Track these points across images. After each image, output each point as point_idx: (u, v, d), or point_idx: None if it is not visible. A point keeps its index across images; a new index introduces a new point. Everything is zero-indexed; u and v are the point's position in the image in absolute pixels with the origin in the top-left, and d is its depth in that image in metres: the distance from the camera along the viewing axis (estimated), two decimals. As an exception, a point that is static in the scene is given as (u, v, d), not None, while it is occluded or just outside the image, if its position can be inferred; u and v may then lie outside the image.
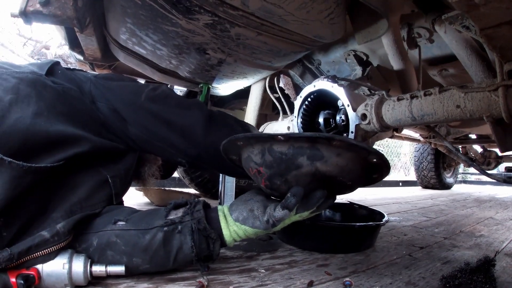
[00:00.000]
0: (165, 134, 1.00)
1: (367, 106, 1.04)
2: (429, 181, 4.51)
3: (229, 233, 0.85)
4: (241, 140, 0.80)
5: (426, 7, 1.14)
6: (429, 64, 1.52)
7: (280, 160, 0.74)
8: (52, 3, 0.95)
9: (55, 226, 0.76)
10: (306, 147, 0.72)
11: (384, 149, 8.83)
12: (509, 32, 0.59)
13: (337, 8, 1.02)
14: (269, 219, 0.81)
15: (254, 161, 0.79)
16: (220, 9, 0.96)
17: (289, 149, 0.73)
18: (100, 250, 0.82)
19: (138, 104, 0.98)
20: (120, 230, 0.84)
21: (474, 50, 1.03)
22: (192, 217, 0.84)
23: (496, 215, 2.45)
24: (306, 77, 1.81)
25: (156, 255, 0.82)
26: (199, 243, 0.83)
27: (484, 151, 3.54)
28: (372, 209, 1.55)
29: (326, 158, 0.72)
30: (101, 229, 0.84)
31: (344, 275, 0.99)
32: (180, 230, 0.83)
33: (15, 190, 0.71)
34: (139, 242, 0.82)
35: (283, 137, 0.71)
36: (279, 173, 0.76)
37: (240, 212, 0.85)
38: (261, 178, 0.80)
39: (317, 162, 0.73)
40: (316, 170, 0.73)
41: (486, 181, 6.85)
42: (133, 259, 0.82)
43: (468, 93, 0.82)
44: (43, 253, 0.74)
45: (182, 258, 0.84)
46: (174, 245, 0.83)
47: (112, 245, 0.82)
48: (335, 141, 0.71)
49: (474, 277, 0.91)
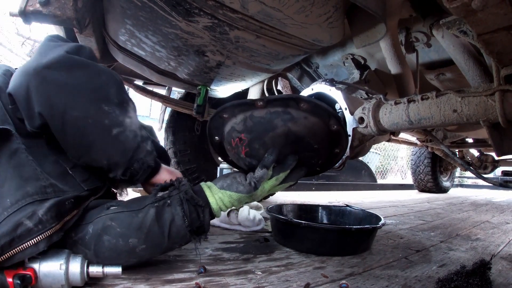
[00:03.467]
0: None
1: (364, 109, 1.04)
2: (425, 185, 4.52)
3: (215, 200, 0.89)
4: (226, 112, 0.89)
5: (424, 11, 1.15)
6: (427, 68, 1.53)
7: (259, 124, 0.86)
8: (52, 3, 0.95)
9: (36, 213, 0.73)
10: (281, 111, 0.85)
11: (381, 152, 8.86)
12: (506, 38, 0.59)
13: (336, 12, 1.03)
14: (250, 181, 0.89)
15: (237, 130, 0.89)
16: (219, 11, 0.96)
17: (266, 114, 0.85)
18: (97, 237, 0.82)
19: None
20: (113, 213, 0.85)
21: (471, 55, 1.04)
22: (179, 191, 0.88)
23: (492, 218, 2.46)
24: (304, 80, 1.82)
25: (150, 232, 0.83)
26: (190, 212, 0.86)
27: (480, 155, 3.55)
28: (369, 212, 1.56)
29: (296, 119, 0.85)
30: (95, 217, 0.85)
31: (340, 278, 0.99)
32: (169, 203, 0.86)
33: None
34: (133, 221, 0.83)
35: (262, 102, 0.84)
36: (258, 136, 0.88)
37: (223, 180, 0.92)
38: (242, 146, 0.90)
39: (289, 122, 0.85)
40: (289, 130, 0.86)
41: (483, 185, 6.87)
42: (129, 240, 0.82)
43: (465, 98, 0.83)
44: (30, 243, 0.71)
45: (176, 232, 0.85)
46: (166, 219, 0.84)
47: (108, 229, 0.82)
48: (302, 103, 0.83)
49: (470, 280, 0.92)
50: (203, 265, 0.96)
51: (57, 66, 0.77)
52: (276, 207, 1.52)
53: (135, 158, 0.86)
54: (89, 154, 0.84)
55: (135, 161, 0.87)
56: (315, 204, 1.76)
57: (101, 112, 0.79)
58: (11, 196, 0.72)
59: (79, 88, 0.78)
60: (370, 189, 5.01)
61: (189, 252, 1.11)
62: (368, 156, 7.51)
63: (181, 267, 0.97)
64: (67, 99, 0.77)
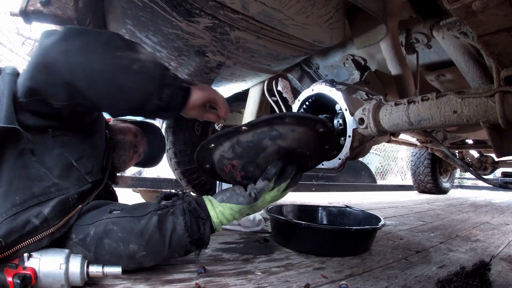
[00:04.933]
0: None
1: (364, 110, 1.04)
2: (425, 186, 4.52)
3: (215, 214, 0.90)
4: (211, 143, 0.89)
5: (424, 13, 1.15)
6: (427, 69, 1.53)
7: (248, 148, 0.86)
8: (53, 3, 0.95)
9: (42, 212, 0.80)
10: (266, 130, 0.85)
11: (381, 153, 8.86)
12: (507, 39, 0.60)
13: (336, 13, 1.03)
14: (251, 192, 0.89)
15: (227, 157, 0.89)
16: (220, 12, 0.96)
17: (253, 136, 0.85)
18: (97, 240, 0.84)
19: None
20: (116, 217, 0.87)
21: (472, 56, 1.04)
22: (183, 201, 0.90)
23: (492, 220, 2.46)
24: (304, 81, 1.81)
25: (151, 240, 0.84)
26: (191, 224, 0.87)
27: (480, 156, 3.56)
28: (369, 212, 1.56)
29: (284, 135, 0.85)
30: (97, 219, 0.87)
31: (340, 278, 0.99)
32: (172, 212, 0.87)
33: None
34: (135, 227, 0.84)
35: (246, 126, 0.84)
36: (250, 159, 0.87)
37: (223, 194, 0.92)
38: (236, 171, 0.90)
39: (278, 140, 0.85)
40: (279, 147, 0.86)
41: (483, 186, 6.87)
42: (129, 246, 0.83)
43: (465, 99, 0.83)
44: (34, 239, 0.78)
45: (177, 241, 0.86)
46: (168, 227, 0.86)
47: (109, 232, 0.84)
48: (287, 118, 0.85)
49: (470, 281, 0.92)
50: (203, 266, 0.97)
51: (64, 38, 0.80)
52: (276, 208, 1.52)
53: (164, 83, 0.84)
54: (123, 96, 0.84)
55: (165, 86, 0.84)
56: (315, 205, 1.77)
57: (117, 57, 0.81)
58: (20, 195, 0.79)
59: (90, 47, 0.81)
60: (370, 190, 5.01)
61: (189, 252, 1.11)
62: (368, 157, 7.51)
63: (181, 267, 0.98)
64: (84, 58, 0.79)
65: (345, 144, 1.11)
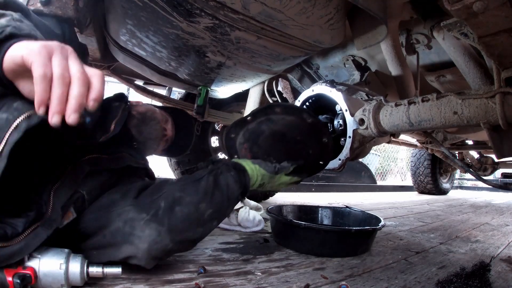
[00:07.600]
0: None
1: (365, 111, 1.04)
2: (425, 186, 4.52)
3: (249, 168, 1.02)
4: (232, 133, 1.14)
5: (425, 13, 1.15)
6: (427, 70, 1.54)
7: (252, 132, 1.11)
8: (53, 3, 0.95)
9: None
10: (264, 119, 1.08)
11: (381, 154, 8.87)
12: (507, 40, 0.60)
13: (337, 13, 1.03)
14: (275, 166, 1.06)
15: (240, 142, 1.14)
16: (220, 12, 0.96)
17: (256, 124, 1.10)
18: (169, 209, 0.88)
19: None
20: (181, 184, 0.95)
21: (472, 57, 1.04)
22: (224, 163, 1.03)
23: (492, 220, 2.46)
24: (305, 81, 1.82)
25: (214, 196, 0.93)
26: (238, 177, 0.99)
27: (480, 157, 3.56)
28: (369, 213, 1.56)
29: (276, 121, 1.08)
30: (163, 191, 0.93)
31: (340, 279, 0.99)
32: (221, 172, 0.98)
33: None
34: (199, 188, 0.93)
35: (250, 116, 1.09)
36: (254, 141, 1.12)
37: (253, 161, 1.07)
38: (248, 153, 1.14)
39: (271, 125, 1.08)
40: (273, 130, 1.08)
41: (482, 187, 6.87)
42: (199, 205, 0.90)
43: (465, 100, 0.83)
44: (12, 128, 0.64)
45: (232, 194, 0.97)
46: (222, 183, 0.96)
47: (178, 200, 0.90)
48: (277, 108, 1.07)
49: (470, 282, 0.92)
50: (203, 266, 0.97)
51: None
52: (276, 208, 1.52)
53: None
54: None
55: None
56: (315, 205, 1.77)
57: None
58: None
59: None
60: (370, 190, 5.01)
61: (189, 252, 1.11)
62: (368, 158, 7.50)
63: (181, 267, 0.97)
64: None
65: (345, 144, 1.11)
